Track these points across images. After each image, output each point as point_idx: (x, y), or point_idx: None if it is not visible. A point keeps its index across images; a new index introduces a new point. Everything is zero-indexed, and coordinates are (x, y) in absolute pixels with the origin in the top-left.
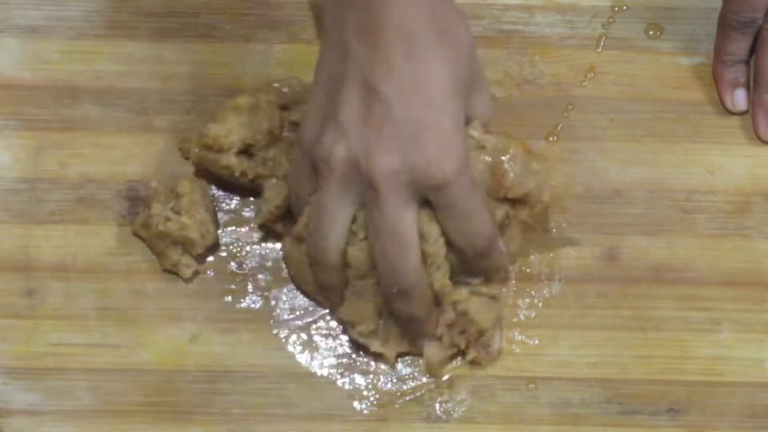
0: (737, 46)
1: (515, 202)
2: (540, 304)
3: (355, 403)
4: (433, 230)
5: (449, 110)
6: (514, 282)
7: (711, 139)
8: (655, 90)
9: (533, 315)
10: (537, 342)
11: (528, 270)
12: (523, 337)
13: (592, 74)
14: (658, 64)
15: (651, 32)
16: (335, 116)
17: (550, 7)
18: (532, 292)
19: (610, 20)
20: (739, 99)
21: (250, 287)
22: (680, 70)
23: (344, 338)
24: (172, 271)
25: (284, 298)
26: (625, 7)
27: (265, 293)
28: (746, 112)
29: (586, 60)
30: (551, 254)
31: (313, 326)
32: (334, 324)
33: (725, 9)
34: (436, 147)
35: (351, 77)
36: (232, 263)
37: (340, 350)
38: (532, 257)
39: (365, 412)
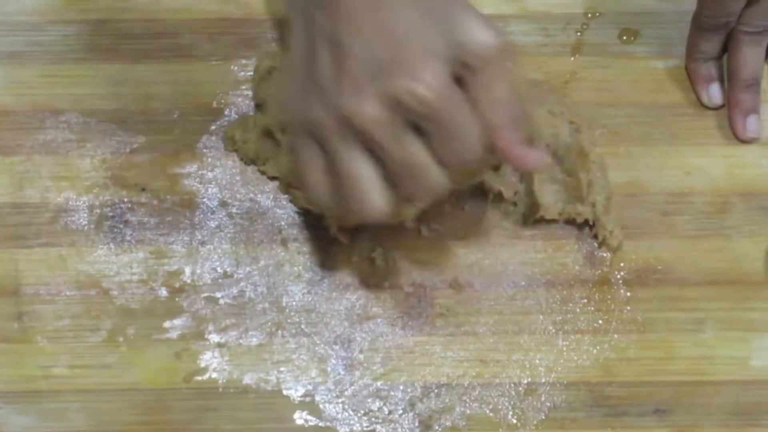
0: (710, 45)
1: None
2: (524, 309)
3: (346, 415)
4: None
5: (417, 39)
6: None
7: (688, 141)
8: (631, 94)
9: (518, 321)
10: (522, 348)
11: (511, 275)
12: (509, 344)
13: (568, 80)
14: (633, 69)
15: (625, 37)
16: (313, 82)
17: (524, 16)
18: (516, 297)
19: (584, 27)
20: (714, 93)
21: (235, 301)
22: (655, 73)
23: (333, 351)
24: None
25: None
26: (598, 14)
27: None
28: (722, 106)
29: (562, 67)
30: (534, 260)
31: (304, 339)
32: (324, 338)
33: (700, 12)
34: (409, 74)
35: (319, 42)
36: (220, 275)
37: (330, 362)
38: (515, 263)
39: (355, 423)
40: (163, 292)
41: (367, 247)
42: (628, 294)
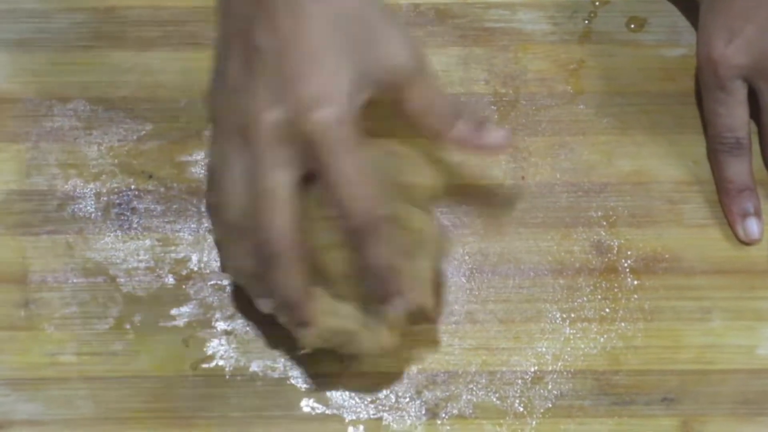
0: (734, 170)
1: None
2: (531, 297)
3: (353, 403)
4: None
5: (330, 63)
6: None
7: (695, 130)
8: (638, 83)
9: (525, 309)
10: (529, 336)
11: (518, 263)
12: (516, 332)
13: (575, 68)
14: (640, 57)
15: (632, 25)
16: (223, 77)
17: (531, 4)
18: (523, 285)
19: (592, 15)
20: (751, 229)
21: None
22: (663, 62)
23: None
24: None
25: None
26: (606, 1)
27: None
28: (760, 240)
29: (570, 55)
30: (541, 248)
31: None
32: None
33: (708, 138)
34: (313, 95)
35: (234, 36)
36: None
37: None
38: (522, 251)
39: (362, 411)
40: (170, 280)
41: None
42: (636, 282)
